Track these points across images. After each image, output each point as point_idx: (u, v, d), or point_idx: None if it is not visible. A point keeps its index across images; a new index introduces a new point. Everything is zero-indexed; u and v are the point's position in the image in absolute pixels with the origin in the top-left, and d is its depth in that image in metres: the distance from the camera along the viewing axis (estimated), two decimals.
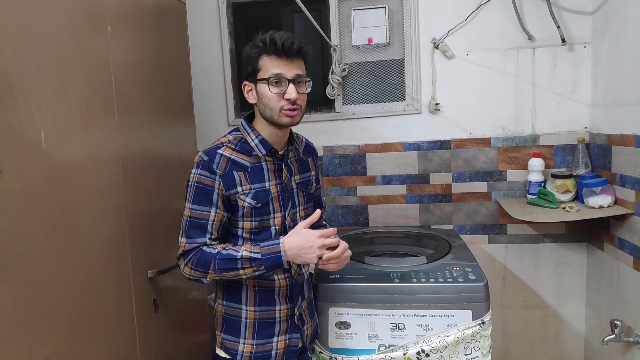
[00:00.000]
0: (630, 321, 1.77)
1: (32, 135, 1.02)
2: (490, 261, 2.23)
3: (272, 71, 1.22)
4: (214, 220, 1.25)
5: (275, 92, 1.22)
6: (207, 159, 1.24)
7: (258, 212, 1.28)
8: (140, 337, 1.40)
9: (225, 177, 1.24)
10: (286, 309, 1.35)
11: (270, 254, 1.20)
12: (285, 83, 1.22)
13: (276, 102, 1.23)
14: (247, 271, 1.21)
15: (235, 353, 1.33)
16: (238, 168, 1.27)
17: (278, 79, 1.22)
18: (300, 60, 1.25)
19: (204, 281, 1.25)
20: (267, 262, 1.20)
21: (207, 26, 2.31)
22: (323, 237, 1.20)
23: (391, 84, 2.26)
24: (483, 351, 1.50)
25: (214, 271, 1.21)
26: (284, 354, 1.35)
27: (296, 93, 1.22)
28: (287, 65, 1.22)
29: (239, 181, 1.26)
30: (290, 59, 1.22)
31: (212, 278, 1.24)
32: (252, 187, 1.27)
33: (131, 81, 1.43)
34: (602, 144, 1.96)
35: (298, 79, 1.24)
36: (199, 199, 1.24)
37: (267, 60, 1.23)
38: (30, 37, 1.03)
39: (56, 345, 1.06)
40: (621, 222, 1.83)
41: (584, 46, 2.07)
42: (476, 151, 2.19)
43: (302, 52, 1.24)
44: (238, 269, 1.21)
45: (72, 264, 1.13)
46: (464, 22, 2.12)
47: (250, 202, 1.26)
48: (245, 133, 1.31)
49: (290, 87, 1.22)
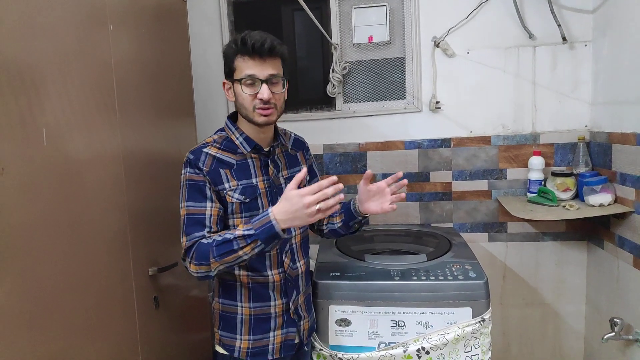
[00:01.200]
0: (630, 319, 1.77)
1: (34, 132, 1.03)
2: (491, 259, 2.24)
3: (245, 72, 1.23)
4: (211, 214, 1.25)
5: (248, 93, 1.24)
6: (193, 157, 1.27)
7: (247, 208, 1.29)
8: (141, 335, 1.41)
9: (212, 173, 1.26)
10: (281, 304, 1.36)
11: (263, 226, 1.14)
12: (259, 83, 1.23)
13: (249, 102, 1.25)
14: (246, 250, 1.16)
15: (232, 349, 1.35)
16: (224, 166, 1.28)
17: (252, 80, 1.23)
18: (275, 59, 1.25)
19: (211, 274, 1.22)
20: (262, 234, 1.14)
21: (208, 24, 2.31)
22: (307, 194, 1.12)
23: (392, 82, 2.26)
24: (483, 349, 1.50)
25: (215, 259, 1.18)
26: (280, 348, 1.37)
27: (269, 93, 1.23)
28: (259, 65, 1.23)
29: (225, 178, 1.27)
30: (263, 59, 1.23)
31: (216, 268, 1.20)
32: (239, 184, 1.28)
33: (132, 79, 1.43)
34: (603, 142, 1.97)
35: (272, 78, 1.25)
36: (193, 195, 1.25)
37: (241, 60, 1.24)
38: (32, 35, 1.03)
39: (58, 343, 1.07)
40: (621, 220, 1.83)
41: (585, 44, 2.07)
42: (477, 149, 2.19)
43: (275, 51, 1.24)
44: (236, 250, 1.16)
45: (73, 262, 1.14)
46: (465, 20, 2.12)
47: (239, 197, 1.27)
48: (230, 132, 1.34)
49: (263, 87, 1.23)
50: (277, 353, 1.36)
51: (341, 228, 1.49)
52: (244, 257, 1.18)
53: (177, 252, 1.63)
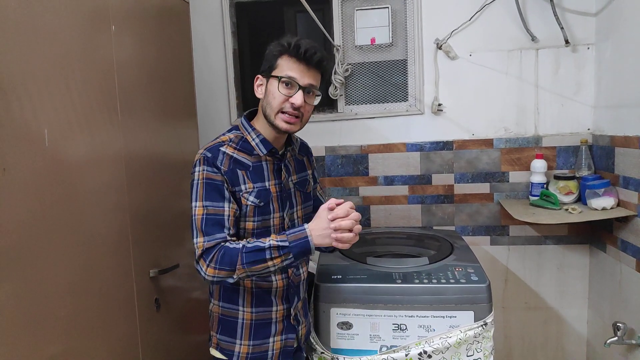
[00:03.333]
0: (633, 323, 1.76)
1: (36, 133, 1.02)
2: (493, 263, 2.23)
3: (287, 72, 1.22)
4: (229, 215, 1.21)
5: (283, 93, 1.22)
6: (211, 155, 1.23)
7: (260, 212, 1.27)
8: (142, 336, 1.40)
9: (229, 173, 1.23)
10: (282, 310, 1.35)
11: (298, 240, 1.15)
12: (296, 87, 1.22)
13: (279, 103, 1.22)
14: (276, 262, 1.15)
15: (231, 354, 1.33)
16: (240, 167, 1.26)
17: (290, 81, 1.22)
18: (317, 72, 1.26)
19: (229, 281, 1.18)
20: (295, 248, 1.14)
21: (210, 26, 2.31)
22: (331, 209, 1.15)
23: (394, 84, 2.25)
24: (485, 352, 1.50)
25: (242, 266, 1.15)
26: (280, 354, 1.35)
27: (302, 100, 1.22)
28: (303, 72, 1.22)
29: (242, 179, 1.25)
30: (308, 67, 1.23)
31: (239, 275, 1.16)
32: (255, 186, 1.26)
33: (134, 80, 1.43)
34: (605, 145, 1.96)
35: (309, 88, 1.24)
36: (211, 195, 1.21)
37: (286, 60, 1.23)
38: (35, 36, 1.03)
39: (58, 344, 1.07)
40: (624, 224, 1.83)
41: (588, 47, 2.06)
42: (479, 152, 2.19)
43: (322, 64, 1.25)
44: (266, 260, 1.15)
45: (74, 263, 1.13)
46: (468, 22, 2.12)
47: (254, 200, 1.26)
48: (246, 132, 1.31)
49: (299, 93, 1.22)
50: (276, 359, 1.35)
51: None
52: (271, 269, 1.16)
53: (178, 253, 1.64)
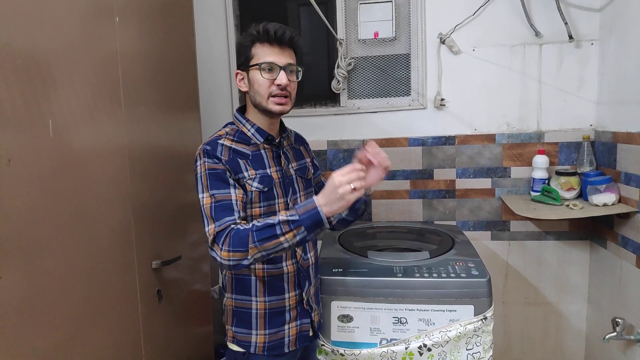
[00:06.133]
0: (632, 319, 1.77)
1: (40, 124, 1.03)
2: (493, 257, 2.23)
3: (264, 59, 1.26)
4: (237, 199, 1.23)
5: (266, 78, 1.26)
6: (210, 147, 1.26)
7: (265, 197, 1.29)
8: (144, 327, 1.41)
9: (230, 162, 1.25)
10: (295, 296, 1.37)
11: (307, 212, 1.13)
12: (277, 70, 1.26)
13: (266, 88, 1.27)
14: (288, 236, 1.13)
15: (248, 345, 1.34)
16: (240, 156, 1.29)
17: (270, 66, 1.26)
18: (291, 50, 1.30)
19: (244, 263, 1.16)
20: (306, 220, 1.13)
21: (213, 19, 2.31)
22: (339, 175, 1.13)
23: (397, 78, 2.25)
24: (484, 347, 1.51)
25: (254, 244, 1.14)
26: (296, 340, 1.37)
27: (287, 79, 1.27)
28: (279, 53, 1.27)
29: (244, 167, 1.27)
30: (281, 47, 1.27)
31: (253, 255, 1.15)
32: (257, 173, 1.29)
33: (138, 73, 1.43)
34: (608, 141, 1.96)
35: (289, 67, 1.28)
36: (216, 183, 1.23)
37: (259, 48, 1.27)
38: (38, 27, 1.03)
39: (61, 334, 1.08)
40: (625, 220, 1.83)
41: (591, 43, 2.06)
42: (481, 147, 2.19)
43: (293, 41, 1.29)
44: (278, 236, 1.13)
45: (77, 254, 1.14)
46: (471, 17, 2.11)
47: (258, 186, 1.28)
48: (241, 124, 1.35)
49: (282, 73, 1.27)
50: (293, 345, 1.37)
51: (349, 215, 1.48)
52: (284, 245, 1.14)
53: (181, 245, 1.65)
